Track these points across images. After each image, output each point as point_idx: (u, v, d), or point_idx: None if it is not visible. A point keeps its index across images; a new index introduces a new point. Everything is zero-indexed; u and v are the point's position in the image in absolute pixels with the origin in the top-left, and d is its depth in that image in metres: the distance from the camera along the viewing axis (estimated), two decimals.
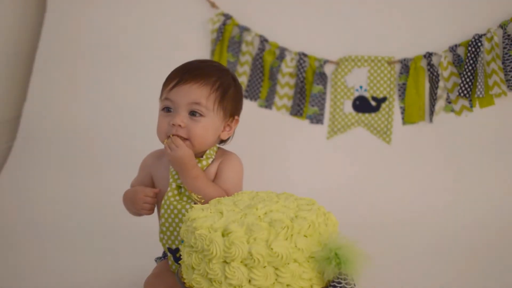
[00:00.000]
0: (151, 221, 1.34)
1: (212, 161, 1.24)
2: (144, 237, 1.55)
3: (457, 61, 1.81)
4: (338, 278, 0.97)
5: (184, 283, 1.06)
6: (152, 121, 1.30)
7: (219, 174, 1.23)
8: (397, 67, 1.88)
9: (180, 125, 1.18)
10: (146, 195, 1.22)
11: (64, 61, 2.06)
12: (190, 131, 1.19)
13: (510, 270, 1.46)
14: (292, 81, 1.93)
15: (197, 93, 1.19)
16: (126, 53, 2.03)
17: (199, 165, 1.21)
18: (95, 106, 2.02)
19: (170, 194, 1.20)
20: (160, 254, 1.34)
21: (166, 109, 1.21)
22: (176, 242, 1.20)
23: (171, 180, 1.21)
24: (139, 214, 1.28)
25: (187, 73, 1.20)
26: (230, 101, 1.24)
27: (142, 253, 1.51)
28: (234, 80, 1.28)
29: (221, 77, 1.23)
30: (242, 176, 1.26)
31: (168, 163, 1.23)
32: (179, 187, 1.21)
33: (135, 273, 1.43)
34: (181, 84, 1.19)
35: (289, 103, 1.93)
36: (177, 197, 1.20)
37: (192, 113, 1.20)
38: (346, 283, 0.97)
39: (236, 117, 1.27)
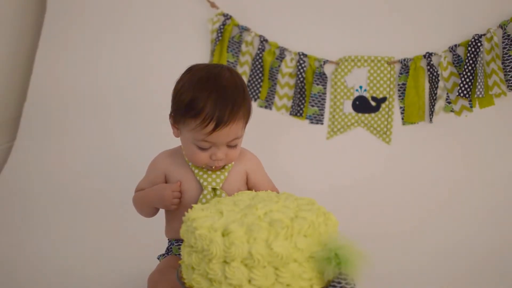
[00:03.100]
0: (152, 220, 1.35)
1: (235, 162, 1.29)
2: (146, 235, 1.56)
3: (457, 61, 1.81)
4: (338, 278, 0.97)
5: (184, 283, 1.06)
6: (153, 121, 1.30)
7: (255, 179, 1.30)
8: (397, 67, 1.88)
9: (222, 159, 1.23)
10: (174, 191, 1.24)
11: (64, 61, 2.07)
12: (228, 157, 1.24)
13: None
14: (292, 81, 1.93)
15: (236, 131, 1.21)
16: (126, 53, 2.03)
17: (226, 167, 1.27)
18: (95, 106, 2.03)
19: (208, 196, 1.24)
20: (163, 251, 1.35)
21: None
22: None
23: (205, 183, 1.25)
24: (153, 215, 1.32)
25: (222, 116, 1.18)
26: (250, 113, 1.27)
27: (144, 251, 1.51)
28: (246, 90, 1.27)
29: (245, 101, 1.23)
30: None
31: (183, 162, 1.28)
32: (214, 189, 1.25)
33: (137, 271, 1.43)
34: (219, 129, 1.18)
35: (289, 103, 1.94)
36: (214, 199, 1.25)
37: (230, 145, 1.23)
38: (346, 283, 0.97)
39: None
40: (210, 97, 1.18)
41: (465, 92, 1.78)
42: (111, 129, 1.99)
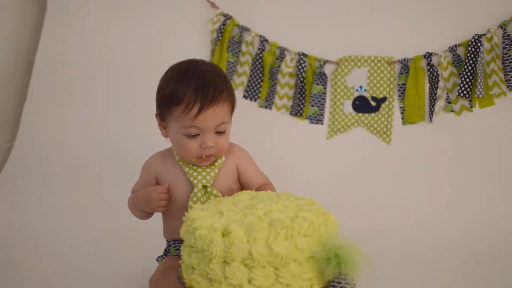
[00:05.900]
0: (151, 220, 1.35)
1: (225, 157, 1.29)
2: (146, 235, 1.56)
3: (457, 61, 1.81)
4: (338, 278, 0.98)
5: (184, 283, 1.06)
6: (153, 122, 1.31)
7: (245, 172, 1.30)
8: (397, 67, 1.88)
9: (212, 146, 1.23)
10: (160, 193, 1.24)
11: (64, 61, 2.07)
12: (217, 146, 1.24)
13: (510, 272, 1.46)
14: (292, 81, 1.93)
15: (221, 114, 1.22)
16: (126, 53, 2.03)
17: (216, 163, 1.27)
18: (95, 105, 2.03)
19: (199, 194, 1.24)
20: (161, 253, 1.35)
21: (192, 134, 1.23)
22: None
23: (195, 181, 1.25)
24: (147, 217, 1.32)
25: (205, 97, 1.20)
26: (235, 102, 1.28)
27: (143, 251, 1.51)
28: (227, 78, 1.29)
29: (227, 86, 1.25)
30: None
31: (174, 162, 1.28)
32: (205, 186, 1.25)
33: (136, 271, 1.43)
34: (204, 110, 1.19)
35: (289, 103, 1.93)
36: (205, 196, 1.25)
37: (218, 131, 1.24)
38: (346, 283, 0.97)
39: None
40: (191, 84, 1.21)
41: (465, 92, 1.78)
42: (112, 130, 1.99)
